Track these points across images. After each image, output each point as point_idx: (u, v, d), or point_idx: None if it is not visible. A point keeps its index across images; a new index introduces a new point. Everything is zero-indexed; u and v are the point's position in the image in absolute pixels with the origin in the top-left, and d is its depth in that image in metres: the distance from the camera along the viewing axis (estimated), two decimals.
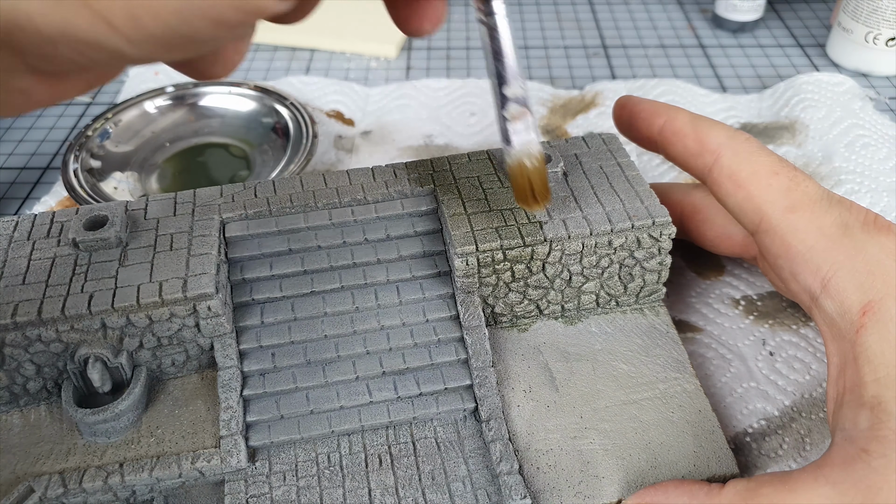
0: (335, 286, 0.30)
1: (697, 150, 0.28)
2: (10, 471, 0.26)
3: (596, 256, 0.30)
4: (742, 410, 0.30)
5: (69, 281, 0.27)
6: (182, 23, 0.15)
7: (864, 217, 0.25)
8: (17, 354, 0.27)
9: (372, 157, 0.45)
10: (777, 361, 0.32)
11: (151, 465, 0.26)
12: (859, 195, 0.40)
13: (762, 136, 0.46)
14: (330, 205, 0.31)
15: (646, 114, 0.30)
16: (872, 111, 0.46)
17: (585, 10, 0.64)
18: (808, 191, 0.26)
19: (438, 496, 0.26)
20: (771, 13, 0.61)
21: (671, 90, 0.49)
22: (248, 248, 0.30)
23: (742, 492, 0.23)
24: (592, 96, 0.50)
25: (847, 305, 0.24)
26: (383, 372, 0.28)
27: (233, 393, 0.27)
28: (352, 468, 0.27)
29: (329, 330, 0.29)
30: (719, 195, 0.28)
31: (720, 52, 0.56)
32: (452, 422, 0.28)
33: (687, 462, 0.27)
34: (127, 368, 0.27)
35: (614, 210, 0.30)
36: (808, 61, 0.55)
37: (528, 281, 0.30)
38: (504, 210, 0.30)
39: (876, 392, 0.22)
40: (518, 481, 0.25)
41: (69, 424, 0.28)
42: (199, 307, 0.27)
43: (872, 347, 0.23)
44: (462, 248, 0.28)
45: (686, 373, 0.30)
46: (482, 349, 0.29)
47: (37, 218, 0.30)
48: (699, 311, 0.34)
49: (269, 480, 0.26)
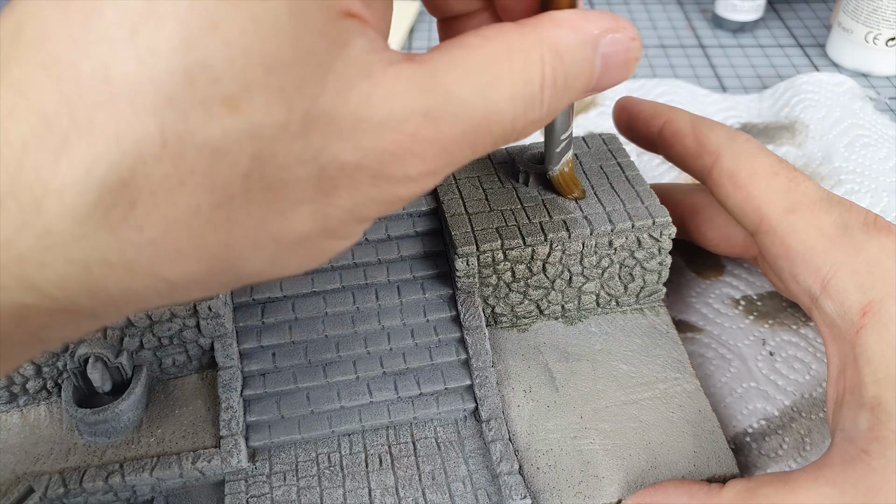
0: (336, 286, 0.30)
1: (697, 151, 0.28)
2: (10, 471, 0.26)
3: (596, 256, 0.30)
4: (742, 410, 0.30)
5: None
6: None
7: (863, 218, 0.25)
8: None
9: None
10: (777, 361, 0.32)
11: (152, 465, 0.26)
12: (859, 195, 0.40)
13: (762, 136, 0.46)
14: None
15: (645, 115, 0.30)
16: (872, 111, 0.46)
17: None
18: (807, 191, 0.26)
19: (438, 496, 0.26)
20: (771, 13, 0.61)
21: (671, 90, 0.49)
22: None
23: (742, 492, 0.23)
24: (592, 96, 0.50)
25: (847, 306, 0.24)
26: (384, 372, 0.28)
27: (233, 393, 0.27)
28: (352, 468, 0.27)
29: (329, 330, 0.29)
30: (719, 196, 0.28)
31: (720, 52, 0.56)
32: (453, 422, 0.28)
33: (687, 462, 0.27)
34: (127, 368, 0.27)
35: (615, 210, 0.30)
36: (808, 61, 0.55)
37: (528, 281, 0.30)
38: (504, 210, 0.30)
39: (876, 393, 0.22)
40: (518, 481, 0.25)
41: (69, 424, 0.28)
42: (200, 307, 0.27)
43: (872, 348, 0.23)
44: (462, 249, 0.28)
45: (686, 373, 0.30)
46: (482, 349, 0.29)
47: None
48: (699, 311, 0.34)
49: (269, 480, 0.26)
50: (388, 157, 0.15)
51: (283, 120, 0.14)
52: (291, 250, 0.16)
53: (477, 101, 0.16)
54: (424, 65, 0.16)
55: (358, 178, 0.15)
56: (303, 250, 0.16)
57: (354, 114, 0.15)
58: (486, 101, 0.16)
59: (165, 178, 0.13)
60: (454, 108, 0.16)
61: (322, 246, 0.16)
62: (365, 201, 0.16)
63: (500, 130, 0.17)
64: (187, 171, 0.13)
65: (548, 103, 0.18)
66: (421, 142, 0.16)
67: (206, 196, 0.14)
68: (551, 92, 0.17)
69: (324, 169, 0.15)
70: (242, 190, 0.14)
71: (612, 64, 0.19)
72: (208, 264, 0.15)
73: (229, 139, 0.13)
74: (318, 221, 0.16)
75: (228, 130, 0.13)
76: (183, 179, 0.13)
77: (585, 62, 0.18)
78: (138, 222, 0.13)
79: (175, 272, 0.15)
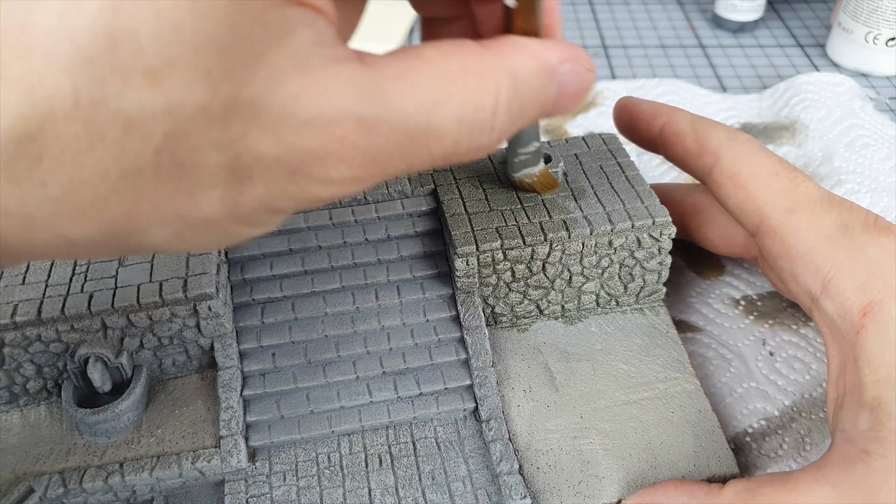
0: (335, 286, 0.30)
1: (698, 151, 0.28)
2: (10, 471, 0.26)
3: (596, 256, 0.30)
4: (742, 410, 0.30)
5: (69, 281, 0.27)
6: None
7: (864, 218, 0.25)
8: (17, 354, 0.27)
9: None
10: (777, 361, 0.32)
11: (152, 465, 0.26)
12: (859, 195, 0.40)
13: (762, 137, 0.46)
14: (330, 205, 0.31)
15: (646, 115, 0.30)
16: (872, 111, 0.46)
17: (585, 10, 0.64)
18: (808, 192, 0.26)
19: (438, 496, 0.26)
20: (771, 13, 0.61)
21: (671, 90, 0.49)
22: (248, 248, 0.30)
23: (742, 492, 0.23)
24: (592, 96, 0.50)
25: (847, 306, 0.24)
26: (383, 372, 0.28)
27: (233, 393, 0.27)
28: (352, 468, 0.27)
29: (329, 330, 0.29)
30: (720, 196, 0.28)
31: (720, 52, 0.56)
32: (452, 422, 0.28)
33: (687, 462, 0.27)
34: (127, 368, 0.27)
35: (614, 210, 0.30)
36: (808, 61, 0.55)
37: (528, 281, 0.30)
38: (504, 210, 0.30)
39: (876, 393, 0.22)
40: (518, 481, 0.25)
41: (69, 424, 0.28)
42: (200, 307, 0.27)
43: (873, 348, 0.23)
44: (462, 248, 0.28)
45: (686, 373, 0.30)
46: (482, 349, 0.29)
47: None
48: (699, 311, 0.34)
49: (269, 480, 0.26)
50: (309, 156, 0.15)
51: (203, 102, 0.14)
52: (198, 229, 0.16)
53: (420, 117, 0.16)
54: (372, 69, 0.15)
55: (275, 172, 0.15)
56: (210, 231, 0.16)
57: (281, 107, 0.14)
58: (430, 118, 0.16)
59: (75, 140, 0.13)
60: (392, 119, 0.15)
61: (232, 230, 0.16)
62: (280, 195, 0.15)
63: (439, 150, 0.17)
64: (98, 136, 0.13)
65: (499, 129, 0.17)
66: (348, 147, 0.15)
67: (114, 164, 0.14)
68: (504, 119, 0.17)
69: (239, 157, 0.14)
70: (152, 164, 0.14)
71: (567, 93, 0.19)
72: (110, 229, 0.15)
73: (144, 112, 0.13)
74: (228, 207, 0.15)
75: (145, 103, 0.13)
76: (93, 144, 0.13)
77: (542, 90, 0.18)
78: (42, 178, 0.13)
79: (75, 232, 0.14)
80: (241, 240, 0.17)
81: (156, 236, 0.15)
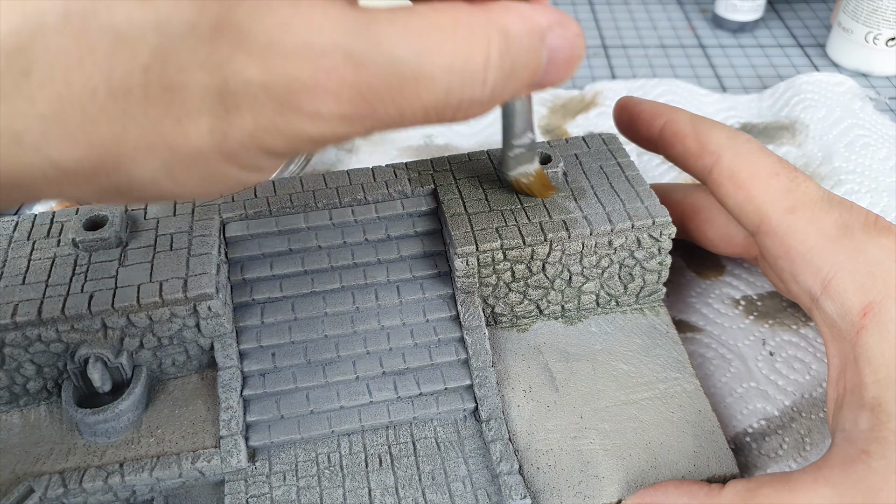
0: (335, 286, 0.30)
1: (698, 151, 0.28)
2: (10, 471, 0.26)
3: (596, 256, 0.30)
4: (742, 410, 0.30)
5: (69, 281, 0.27)
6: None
7: (864, 218, 0.25)
8: (17, 354, 0.27)
9: (372, 156, 0.45)
10: (777, 361, 0.32)
11: (151, 465, 0.26)
12: (859, 195, 0.40)
13: (762, 136, 0.46)
14: (330, 205, 0.31)
15: (646, 115, 0.30)
16: (872, 111, 0.46)
17: (585, 9, 0.64)
18: (808, 192, 0.26)
19: (438, 496, 0.26)
20: (771, 13, 0.61)
21: (671, 90, 0.49)
22: (248, 248, 0.30)
23: (742, 492, 0.23)
24: (592, 96, 0.50)
25: (847, 306, 0.24)
26: (383, 372, 0.28)
27: (233, 393, 0.27)
28: (352, 468, 0.27)
29: (329, 330, 0.29)
30: (720, 196, 0.28)
31: (720, 52, 0.56)
32: (452, 422, 0.28)
33: (687, 462, 0.27)
34: (127, 368, 0.27)
35: (614, 210, 0.30)
36: (808, 61, 0.55)
37: (528, 281, 0.30)
38: (504, 210, 0.30)
39: (876, 393, 0.22)
40: (518, 481, 0.25)
41: (69, 424, 0.28)
42: (200, 307, 0.27)
43: (873, 348, 0.23)
44: (462, 248, 0.28)
45: (686, 373, 0.30)
46: (482, 349, 0.29)
47: (37, 218, 0.30)
48: (699, 311, 0.34)
49: (269, 480, 0.26)
50: (297, 85, 0.15)
51: (191, 19, 0.14)
52: (187, 165, 0.15)
53: (409, 59, 0.16)
54: (364, 12, 0.15)
55: (263, 101, 0.15)
56: (200, 168, 0.16)
57: (268, 34, 0.14)
58: (420, 62, 0.16)
59: (65, 54, 0.13)
60: (381, 59, 0.15)
61: (223, 170, 0.16)
62: (269, 128, 0.15)
63: (431, 98, 0.16)
64: (87, 50, 0.13)
65: (491, 85, 0.17)
66: (336, 79, 0.15)
67: (103, 81, 0.14)
68: (496, 75, 0.17)
69: (227, 81, 0.14)
70: (141, 84, 0.14)
71: (558, 59, 0.19)
72: (98, 156, 0.15)
73: (133, 26, 0.13)
74: (216, 139, 0.15)
75: (133, 17, 0.13)
76: (82, 59, 0.13)
77: (533, 51, 0.18)
78: (31, 94, 0.13)
79: (63, 155, 0.14)
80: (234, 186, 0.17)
81: (144, 169, 0.15)
